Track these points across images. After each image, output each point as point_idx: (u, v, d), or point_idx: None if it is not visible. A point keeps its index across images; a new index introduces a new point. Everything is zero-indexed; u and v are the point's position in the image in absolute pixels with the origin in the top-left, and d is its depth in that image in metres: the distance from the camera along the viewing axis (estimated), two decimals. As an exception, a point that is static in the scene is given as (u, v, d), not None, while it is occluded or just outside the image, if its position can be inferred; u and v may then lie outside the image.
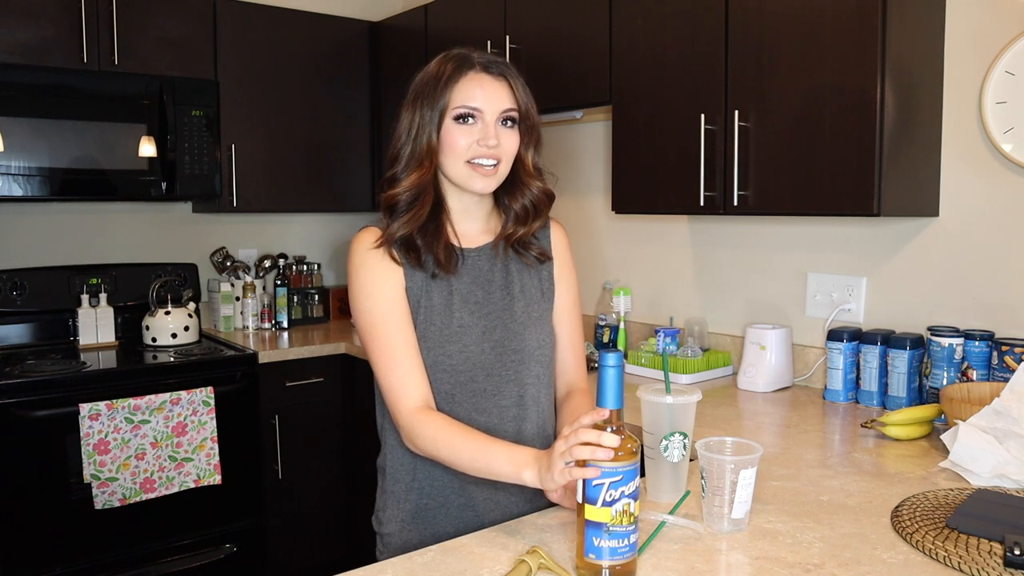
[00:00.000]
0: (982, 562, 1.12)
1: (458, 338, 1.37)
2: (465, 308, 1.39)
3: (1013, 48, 1.90)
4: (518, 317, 1.41)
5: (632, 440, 1.06)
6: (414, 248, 1.36)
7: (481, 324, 1.39)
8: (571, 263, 1.53)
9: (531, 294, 1.44)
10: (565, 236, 1.53)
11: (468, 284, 1.40)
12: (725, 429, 1.90)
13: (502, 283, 1.42)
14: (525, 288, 1.44)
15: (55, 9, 2.74)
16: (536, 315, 1.44)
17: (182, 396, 2.65)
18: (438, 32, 3.09)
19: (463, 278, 1.40)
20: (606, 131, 2.89)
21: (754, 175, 2.05)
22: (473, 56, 1.35)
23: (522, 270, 1.45)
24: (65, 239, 3.18)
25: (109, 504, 2.53)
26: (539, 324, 1.44)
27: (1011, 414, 1.56)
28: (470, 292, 1.40)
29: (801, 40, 1.93)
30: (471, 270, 1.41)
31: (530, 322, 1.42)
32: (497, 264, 1.43)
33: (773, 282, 2.46)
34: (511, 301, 1.42)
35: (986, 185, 1.99)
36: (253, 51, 3.19)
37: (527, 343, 1.41)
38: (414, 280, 1.37)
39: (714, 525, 1.25)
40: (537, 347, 1.43)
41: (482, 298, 1.40)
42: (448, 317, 1.37)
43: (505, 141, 1.34)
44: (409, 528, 1.41)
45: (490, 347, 1.38)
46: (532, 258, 1.45)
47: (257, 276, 3.47)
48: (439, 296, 1.37)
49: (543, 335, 1.44)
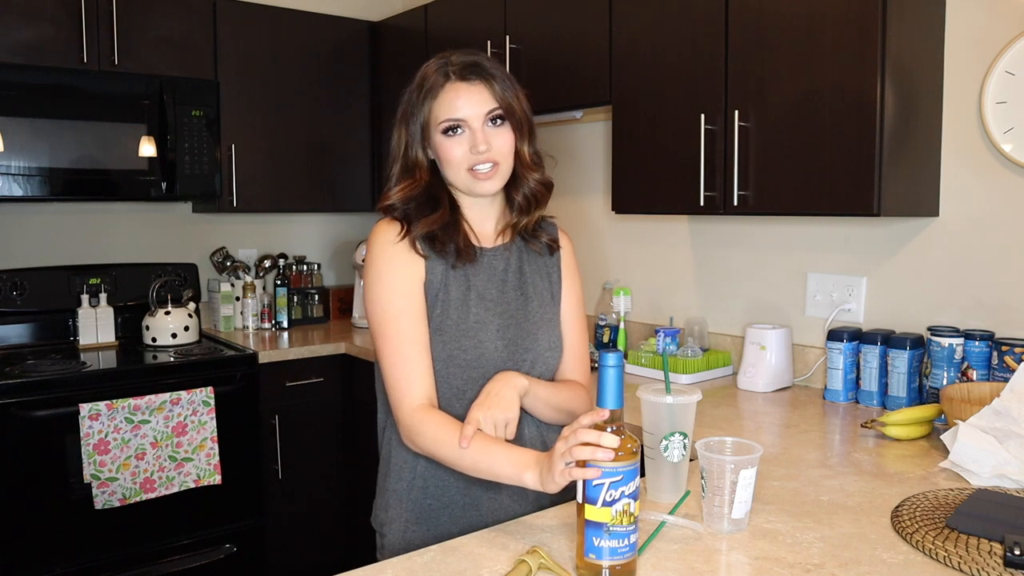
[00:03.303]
0: (982, 562, 1.12)
1: (474, 333, 1.38)
2: (481, 304, 1.40)
3: (1013, 48, 1.90)
4: (532, 317, 1.44)
5: (632, 440, 1.06)
6: (437, 239, 1.39)
7: (496, 321, 1.40)
8: (576, 269, 1.55)
9: (543, 296, 1.47)
10: (570, 243, 1.56)
11: (484, 281, 1.42)
12: (725, 429, 1.90)
13: (516, 283, 1.45)
14: (538, 289, 1.47)
15: (55, 9, 2.74)
16: (548, 317, 1.46)
17: (182, 396, 2.65)
18: (438, 32, 3.09)
19: (480, 275, 1.42)
20: (606, 131, 2.89)
21: (754, 175, 2.06)
22: (449, 65, 1.35)
23: (535, 272, 1.47)
24: (65, 239, 3.18)
25: (109, 504, 2.53)
26: (550, 326, 1.47)
27: (1011, 414, 1.56)
28: (486, 289, 1.41)
29: (801, 40, 1.93)
30: (487, 268, 1.43)
31: (543, 323, 1.45)
32: (512, 264, 1.45)
33: (773, 282, 2.46)
34: (525, 301, 1.44)
35: (986, 185, 1.99)
36: (253, 51, 3.19)
37: (539, 343, 1.43)
38: (434, 273, 1.38)
39: (714, 525, 1.25)
40: (548, 348, 1.45)
41: (497, 296, 1.42)
42: (465, 312, 1.38)
43: (497, 142, 1.36)
44: (412, 528, 1.41)
45: (503, 344, 1.40)
46: (543, 245, 1.49)
47: (257, 276, 3.47)
48: (457, 290, 1.39)
49: (554, 337, 1.47)
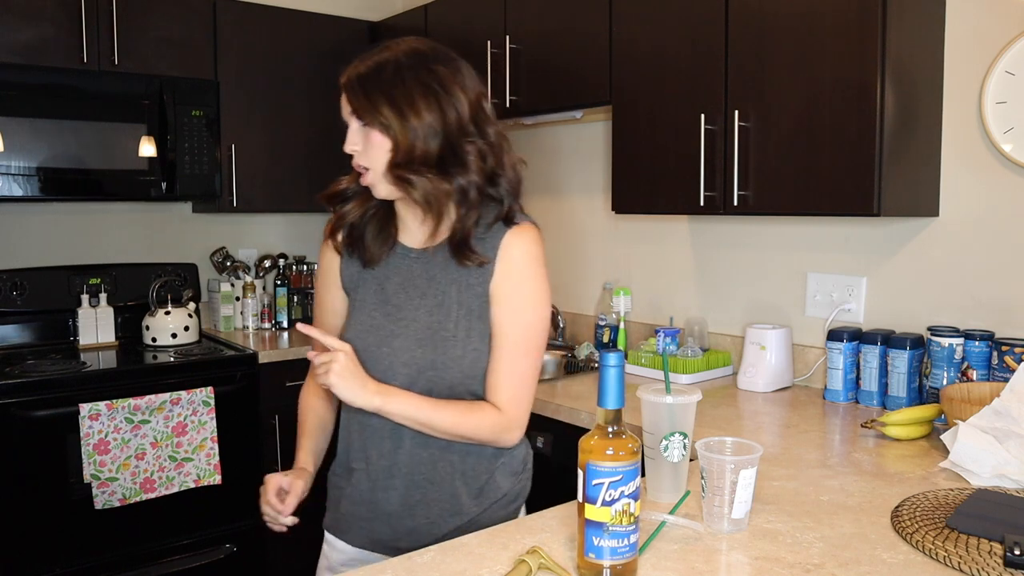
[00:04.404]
0: (982, 562, 1.12)
1: (364, 337, 1.37)
2: (382, 309, 1.38)
3: (1013, 48, 1.90)
4: (440, 330, 1.35)
5: (632, 440, 1.06)
6: (357, 237, 1.41)
7: (389, 328, 1.36)
8: (525, 275, 1.34)
9: (454, 308, 1.35)
10: (523, 244, 1.34)
11: (396, 286, 1.38)
12: (725, 429, 1.90)
13: (431, 291, 1.36)
14: (439, 297, 1.36)
15: (55, 9, 2.74)
16: (459, 332, 1.34)
17: (182, 396, 2.65)
18: (438, 32, 3.09)
19: (393, 279, 1.38)
20: (606, 131, 2.89)
21: (754, 175, 2.06)
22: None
23: (453, 281, 1.35)
24: (65, 239, 3.18)
25: (109, 504, 2.53)
26: (457, 342, 1.34)
27: (1011, 414, 1.56)
28: (395, 294, 1.38)
29: (801, 40, 1.93)
30: (404, 272, 1.38)
31: (451, 338, 1.34)
32: (431, 271, 1.37)
33: (773, 282, 2.46)
34: (436, 311, 1.35)
35: (986, 185, 1.99)
36: (253, 51, 3.19)
37: (440, 358, 1.34)
38: (350, 271, 1.43)
39: (714, 525, 1.25)
40: (450, 364, 1.34)
41: (404, 302, 1.37)
42: (365, 314, 1.39)
43: (363, 145, 1.31)
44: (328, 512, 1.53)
45: (404, 355, 1.35)
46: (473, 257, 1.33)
47: (257, 276, 3.47)
48: (365, 291, 1.41)
49: (461, 353, 1.34)
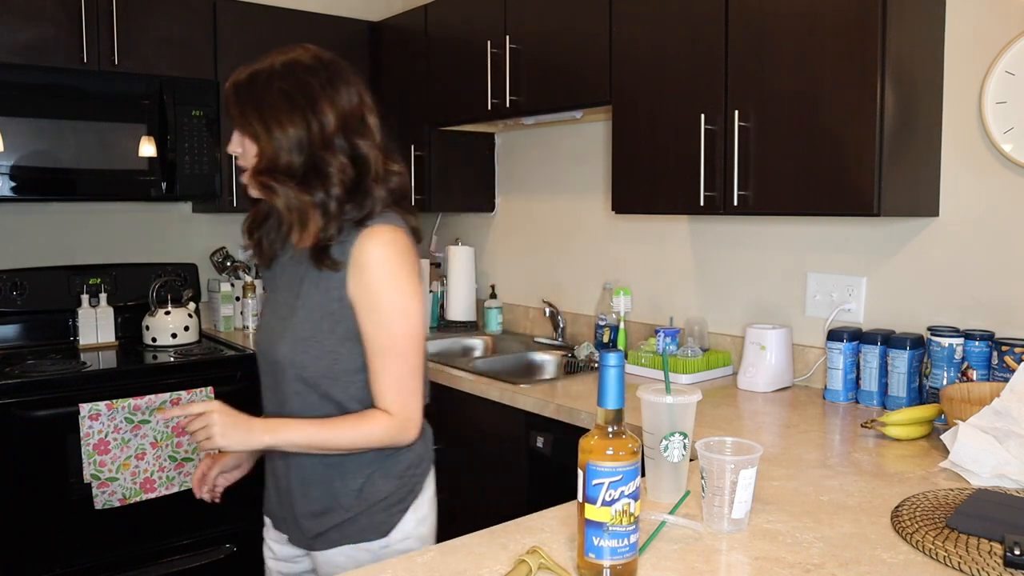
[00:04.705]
0: (982, 562, 1.12)
1: (261, 339, 1.48)
2: (268, 308, 1.50)
3: (1013, 48, 1.90)
4: (298, 332, 1.37)
5: (632, 440, 1.06)
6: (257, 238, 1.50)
7: (264, 326, 1.48)
8: (383, 282, 1.31)
9: (310, 308, 1.37)
10: (375, 248, 1.31)
11: (282, 287, 1.46)
12: (725, 429, 1.90)
13: (294, 291, 1.41)
14: (302, 299, 1.38)
15: (55, 9, 2.74)
16: (300, 332, 1.36)
17: (182, 396, 2.65)
18: (438, 32, 3.09)
19: (279, 280, 1.47)
20: (606, 131, 2.89)
21: (754, 175, 2.05)
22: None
23: (314, 283, 1.37)
24: (65, 239, 3.18)
25: (109, 504, 2.53)
26: (298, 341, 1.37)
27: (1011, 414, 1.56)
28: (276, 295, 1.47)
29: (801, 40, 1.93)
30: (289, 275, 1.45)
31: (286, 334, 1.38)
32: (300, 273, 1.40)
33: (773, 282, 2.46)
34: (289, 311, 1.40)
35: (986, 185, 1.99)
36: (253, 51, 3.12)
37: (279, 355, 1.39)
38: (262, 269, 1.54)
39: (714, 525, 1.25)
40: (291, 364, 1.38)
41: (279, 302, 1.45)
42: (261, 316, 1.52)
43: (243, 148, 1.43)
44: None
45: (259, 351, 1.48)
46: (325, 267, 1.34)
47: (257, 276, 3.47)
48: (267, 292, 1.52)
49: (301, 352, 1.36)
